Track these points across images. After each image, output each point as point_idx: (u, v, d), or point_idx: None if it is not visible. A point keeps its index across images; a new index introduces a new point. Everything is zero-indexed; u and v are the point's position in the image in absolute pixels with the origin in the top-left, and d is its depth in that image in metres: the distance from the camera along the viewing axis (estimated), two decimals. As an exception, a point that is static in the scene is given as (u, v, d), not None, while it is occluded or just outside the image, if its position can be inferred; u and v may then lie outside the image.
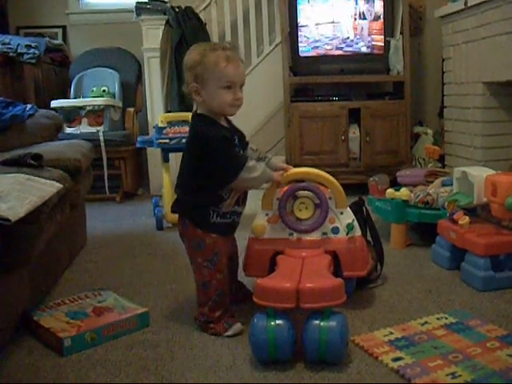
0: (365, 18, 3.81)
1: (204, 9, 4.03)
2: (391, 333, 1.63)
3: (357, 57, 3.84)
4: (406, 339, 1.58)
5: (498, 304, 1.84)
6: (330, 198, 1.79)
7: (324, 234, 1.79)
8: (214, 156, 1.62)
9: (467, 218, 2.10)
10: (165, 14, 3.83)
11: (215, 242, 1.67)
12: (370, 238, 2.08)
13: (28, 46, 3.86)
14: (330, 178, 1.80)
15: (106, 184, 3.79)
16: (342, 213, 1.80)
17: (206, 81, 1.61)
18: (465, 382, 1.34)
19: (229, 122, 1.75)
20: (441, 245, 2.26)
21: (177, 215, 1.74)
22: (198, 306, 1.72)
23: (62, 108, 3.83)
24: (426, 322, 1.69)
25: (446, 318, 1.72)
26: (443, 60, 3.65)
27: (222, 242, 1.69)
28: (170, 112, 3.70)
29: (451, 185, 2.45)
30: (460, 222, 2.10)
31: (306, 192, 1.80)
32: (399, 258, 2.38)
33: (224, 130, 1.67)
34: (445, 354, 1.49)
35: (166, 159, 3.14)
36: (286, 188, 1.82)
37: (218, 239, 1.67)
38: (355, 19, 3.81)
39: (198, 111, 1.70)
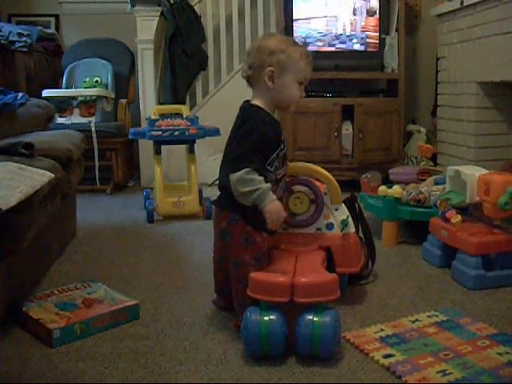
0: (356, 14, 3.79)
1: (199, 1, 4.00)
2: (382, 330, 1.63)
3: (351, 53, 3.83)
4: (397, 336, 1.58)
5: (488, 303, 1.85)
6: (325, 194, 1.79)
7: (318, 229, 1.79)
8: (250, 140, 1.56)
9: (459, 216, 2.10)
10: (159, 5, 3.80)
11: (263, 240, 1.62)
12: (361, 235, 2.08)
13: (20, 34, 3.81)
14: (327, 173, 1.80)
15: (97, 175, 3.77)
16: (336, 209, 1.80)
17: (286, 70, 1.61)
18: (455, 380, 1.34)
19: None
20: (432, 243, 2.26)
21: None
22: (241, 311, 1.56)
23: (53, 98, 3.78)
24: (416, 320, 1.70)
25: (437, 316, 1.72)
26: (438, 59, 3.65)
27: (267, 242, 1.65)
28: (162, 104, 3.69)
29: (444, 183, 2.45)
30: (452, 221, 2.10)
31: (301, 187, 1.79)
32: (390, 255, 2.38)
33: (279, 131, 1.64)
34: (435, 351, 1.49)
35: (157, 152, 3.13)
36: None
37: (265, 238, 1.63)
38: (351, 14, 3.79)
39: (255, 102, 1.65)
